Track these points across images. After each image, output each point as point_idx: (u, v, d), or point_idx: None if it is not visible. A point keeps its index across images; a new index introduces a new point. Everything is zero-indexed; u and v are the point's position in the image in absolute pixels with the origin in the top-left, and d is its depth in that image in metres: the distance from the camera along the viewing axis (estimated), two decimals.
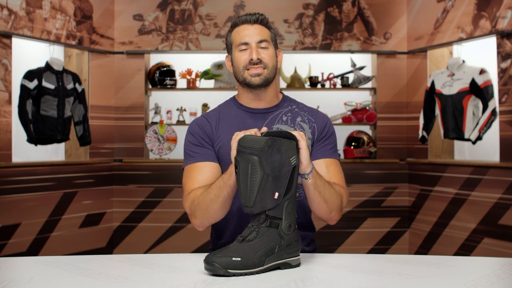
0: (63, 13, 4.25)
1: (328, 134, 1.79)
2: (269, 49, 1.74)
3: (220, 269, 1.35)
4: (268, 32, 1.76)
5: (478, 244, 3.89)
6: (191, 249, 4.38)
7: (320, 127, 1.79)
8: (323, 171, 1.69)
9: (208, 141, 1.75)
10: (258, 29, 1.74)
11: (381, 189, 4.58)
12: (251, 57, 1.71)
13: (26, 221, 3.93)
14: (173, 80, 4.61)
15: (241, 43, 1.73)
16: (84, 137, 4.29)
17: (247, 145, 1.41)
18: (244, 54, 1.73)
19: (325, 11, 4.69)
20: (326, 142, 1.77)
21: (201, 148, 1.74)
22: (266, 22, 1.77)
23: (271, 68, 1.74)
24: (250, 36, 1.73)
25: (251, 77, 1.72)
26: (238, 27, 1.76)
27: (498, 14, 3.82)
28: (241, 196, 1.42)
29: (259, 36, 1.73)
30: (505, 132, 3.78)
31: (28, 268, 1.49)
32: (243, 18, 1.75)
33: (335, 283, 1.35)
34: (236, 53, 1.75)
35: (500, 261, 1.58)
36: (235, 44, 1.75)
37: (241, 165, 1.41)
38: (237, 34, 1.75)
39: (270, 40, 1.75)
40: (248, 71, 1.72)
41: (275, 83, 1.80)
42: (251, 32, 1.73)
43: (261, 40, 1.73)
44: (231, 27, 1.79)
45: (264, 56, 1.72)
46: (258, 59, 1.71)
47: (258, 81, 1.72)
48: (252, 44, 1.72)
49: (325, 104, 4.76)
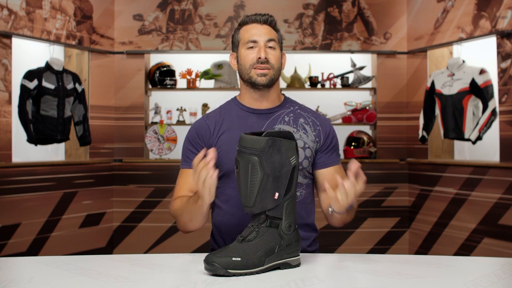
0: (63, 13, 4.25)
1: (334, 140, 1.83)
2: (276, 50, 1.76)
3: (220, 269, 1.35)
4: (276, 34, 1.78)
5: (478, 244, 3.89)
6: (191, 249, 4.38)
7: (325, 132, 1.81)
8: (335, 178, 1.74)
9: (204, 146, 1.76)
10: (267, 29, 1.76)
11: (381, 189, 4.58)
12: (259, 55, 1.72)
13: (26, 221, 3.93)
14: (173, 80, 4.61)
15: (250, 40, 1.74)
16: (84, 137, 4.29)
17: (247, 145, 1.41)
18: (252, 52, 1.74)
19: (325, 11, 4.69)
20: (333, 149, 1.82)
21: (194, 155, 1.74)
22: (275, 24, 1.79)
23: (276, 69, 1.76)
24: (259, 35, 1.74)
25: (257, 76, 1.73)
26: (247, 25, 1.77)
27: (498, 14, 3.82)
28: (241, 196, 1.42)
29: (268, 35, 1.74)
30: (505, 132, 3.78)
31: (28, 268, 1.49)
32: (253, 17, 1.77)
33: (335, 283, 1.35)
34: (243, 51, 1.75)
35: (500, 261, 1.58)
36: (243, 42, 1.76)
37: (241, 165, 1.41)
38: (245, 32, 1.76)
39: (277, 41, 1.77)
40: (255, 70, 1.73)
41: (278, 84, 1.81)
42: (260, 31, 1.75)
43: (269, 39, 1.74)
44: (240, 25, 1.80)
45: (271, 56, 1.74)
46: (265, 58, 1.72)
47: (264, 81, 1.73)
48: (260, 42, 1.73)
49: (325, 104, 4.76)
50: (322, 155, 1.79)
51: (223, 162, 1.73)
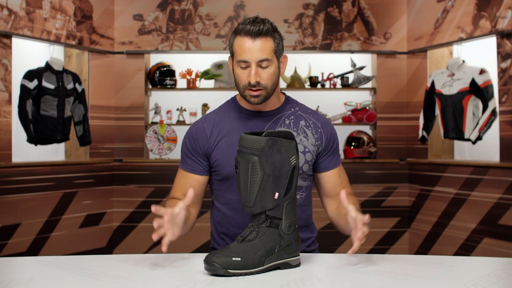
0: (63, 13, 4.25)
1: (335, 143, 1.82)
2: (270, 68, 1.66)
3: (220, 269, 1.35)
4: (272, 44, 1.66)
5: (478, 244, 3.89)
6: (191, 249, 4.38)
7: (327, 135, 1.79)
8: (337, 181, 1.80)
9: (200, 152, 1.77)
10: (259, 44, 1.64)
11: (381, 189, 4.58)
12: (249, 79, 1.65)
13: (26, 221, 3.93)
14: (173, 80, 4.61)
15: (241, 60, 1.66)
16: (84, 137, 4.29)
17: (247, 145, 1.41)
18: (244, 72, 1.67)
19: (325, 11, 4.69)
20: (335, 151, 1.82)
21: (190, 159, 1.79)
22: (271, 31, 1.66)
23: (271, 87, 1.69)
24: (250, 53, 1.64)
25: (250, 97, 1.69)
26: (240, 36, 1.66)
27: (498, 14, 3.82)
28: (241, 196, 1.42)
29: (260, 54, 1.64)
30: (505, 132, 3.78)
31: (28, 268, 1.49)
32: (246, 29, 1.64)
33: (335, 283, 1.35)
34: (236, 68, 1.69)
35: (500, 261, 1.58)
36: (235, 57, 1.68)
37: (241, 165, 1.41)
38: (238, 47, 1.66)
39: (272, 55, 1.66)
40: (248, 91, 1.68)
41: (277, 88, 1.76)
42: (251, 49, 1.64)
43: (261, 60, 1.64)
44: (234, 32, 1.70)
45: (263, 76, 1.66)
46: (256, 82, 1.65)
47: (257, 101, 1.69)
48: (252, 63, 1.64)
49: (325, 104, 4.76)
50: (324, 158, 1.79)
51: (223, 166, 1.73)
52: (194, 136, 1.78)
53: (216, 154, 1.74)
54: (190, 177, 1.78)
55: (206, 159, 1.77)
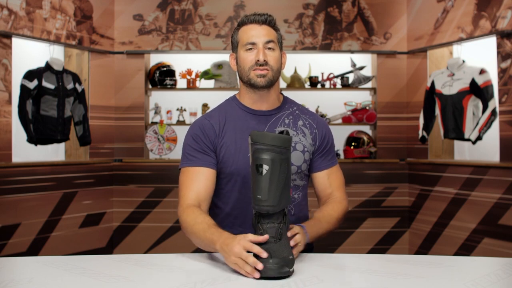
0: (63, 13, 4.25)
1: (329, 143, 1.83)
2: (275, 51, 1.73)
3: (288, 272, 1.36)
4: (275, 33, 1.75)
5: (478, 244, 3.89)
6: (191, 249, 4.37)
7: (321, 135, 1.81)
8: (326, 183, 1.80)
9: (211, 147, 1.72)
10: (266, 29, 1.72)
11: (381, 189, 4.58)
12: (258, 58, 1.69)
13: (26, 221, 3.93)
14: (173, 80, 4.61)
15: (248, 42, 1.71)
16: (84, 137, 4.29)
17: (276, 143, 1.40)
18: (251, 54, 1.71)
19: (325, 11, 4.69)
20: (327, 152, 1.82)
21: (201, 154, 1.71)
22: (274, 23, 1.75)
23: (276, 71, 1.73)
24: (257, 36, 1.71)
25: (257, 78, 1.71)
26: (245, 25, 1.74)
27: (498, 14, 3.82)
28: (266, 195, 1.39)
29: (266, 37, 1.71)
30: (505, 132, 3.78)
31: (28, 268, 1.49)
32: (251, 18, 1.73)
33: (335, 283, 1.35)
34: (242, 53, 1.73)
35: (500, 261, 1.58)
36: (241, 43, 1.73)
37: (272, 163, 1.39)
38: (244, 33, 1.73)
39: (276, 42, 1.74)
40: (254, 71, 1.71)
41: (277, 85, 1.79)
42: (258, 32, 1.71)
43: (268, 41, 1.71)
44: (238, 25, 1.76)
45: (270, 58, 1.71)
46: (264, 60, 1.69)
47: (263, 82, 1.71)
48: (259, 44, 1.71)
49: (325, 104, 4.77)
50: (316, 158, 1.80)
51: (228, 164, 1.71)
52: (203, 130, 1.74)
53: (222, 151, 1.72)
54: (203, 173, 1.69)
55: (215, 155, 1.73)
